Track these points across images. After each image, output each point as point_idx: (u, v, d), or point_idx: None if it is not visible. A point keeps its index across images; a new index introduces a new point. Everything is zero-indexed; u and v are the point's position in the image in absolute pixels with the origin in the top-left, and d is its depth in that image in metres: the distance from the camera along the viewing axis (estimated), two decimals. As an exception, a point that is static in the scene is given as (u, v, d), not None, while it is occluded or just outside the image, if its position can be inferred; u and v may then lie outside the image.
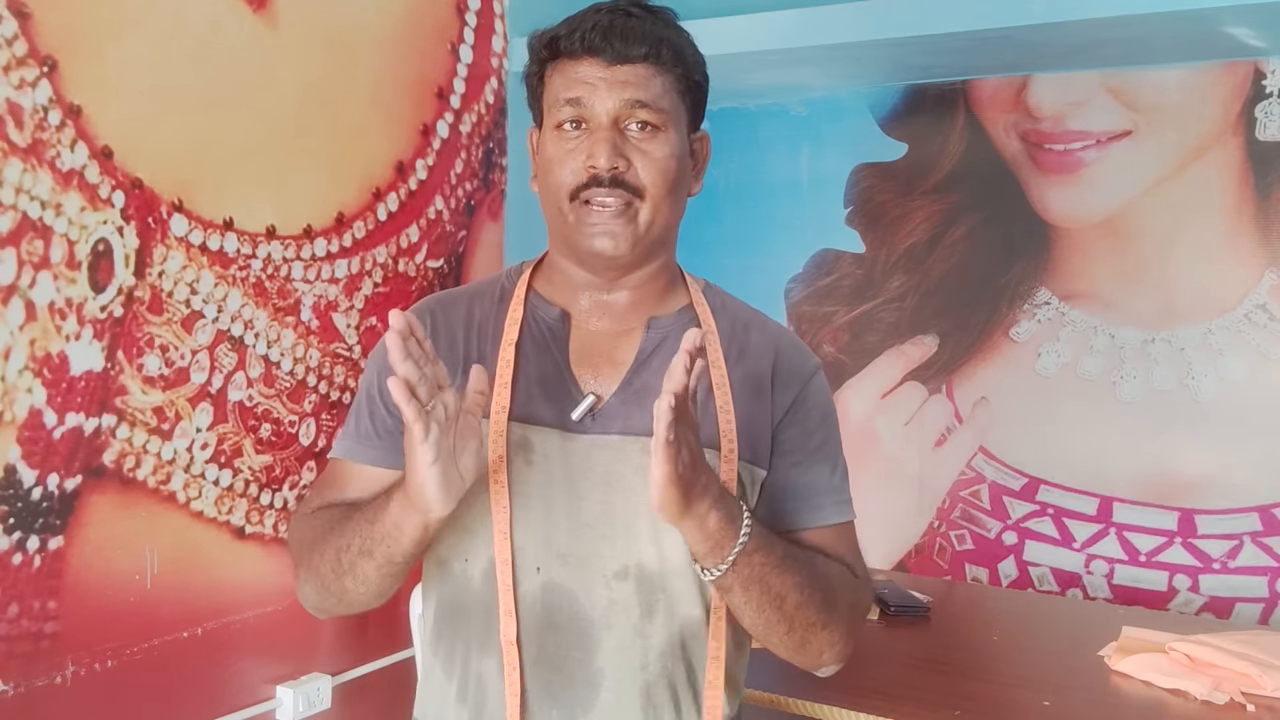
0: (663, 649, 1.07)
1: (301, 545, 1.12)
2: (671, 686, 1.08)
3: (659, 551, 1.06)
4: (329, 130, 1.86)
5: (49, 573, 1.46)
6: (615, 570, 1.06)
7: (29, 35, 1.40)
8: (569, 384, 1.10)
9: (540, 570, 1.06)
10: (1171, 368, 2.31)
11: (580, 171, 1.06)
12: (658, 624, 1.07)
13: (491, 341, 1.13)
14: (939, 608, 2.08)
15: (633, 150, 1.06)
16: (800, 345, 1.20)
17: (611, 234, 1.07)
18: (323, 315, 1.87)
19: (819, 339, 2.70)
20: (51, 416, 1.46)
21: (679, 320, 1.14)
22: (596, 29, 1.06)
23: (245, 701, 1.75)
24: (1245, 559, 2.23)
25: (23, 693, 1.43)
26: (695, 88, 1.12)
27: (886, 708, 1.56)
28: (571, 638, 1.06)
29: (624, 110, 1.06)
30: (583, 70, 1.07)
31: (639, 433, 1.07)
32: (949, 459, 2.55)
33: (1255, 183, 2.23)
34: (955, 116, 2.53)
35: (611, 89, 1.06)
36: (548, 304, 1.15)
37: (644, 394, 1.09)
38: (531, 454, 1.08)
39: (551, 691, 1.06)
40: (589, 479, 1.07)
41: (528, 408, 1.09)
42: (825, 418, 1.17)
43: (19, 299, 1.42)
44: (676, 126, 1.09)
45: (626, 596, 1.06)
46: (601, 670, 1.06)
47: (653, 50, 1.06)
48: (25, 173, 1.41)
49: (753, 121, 2.78)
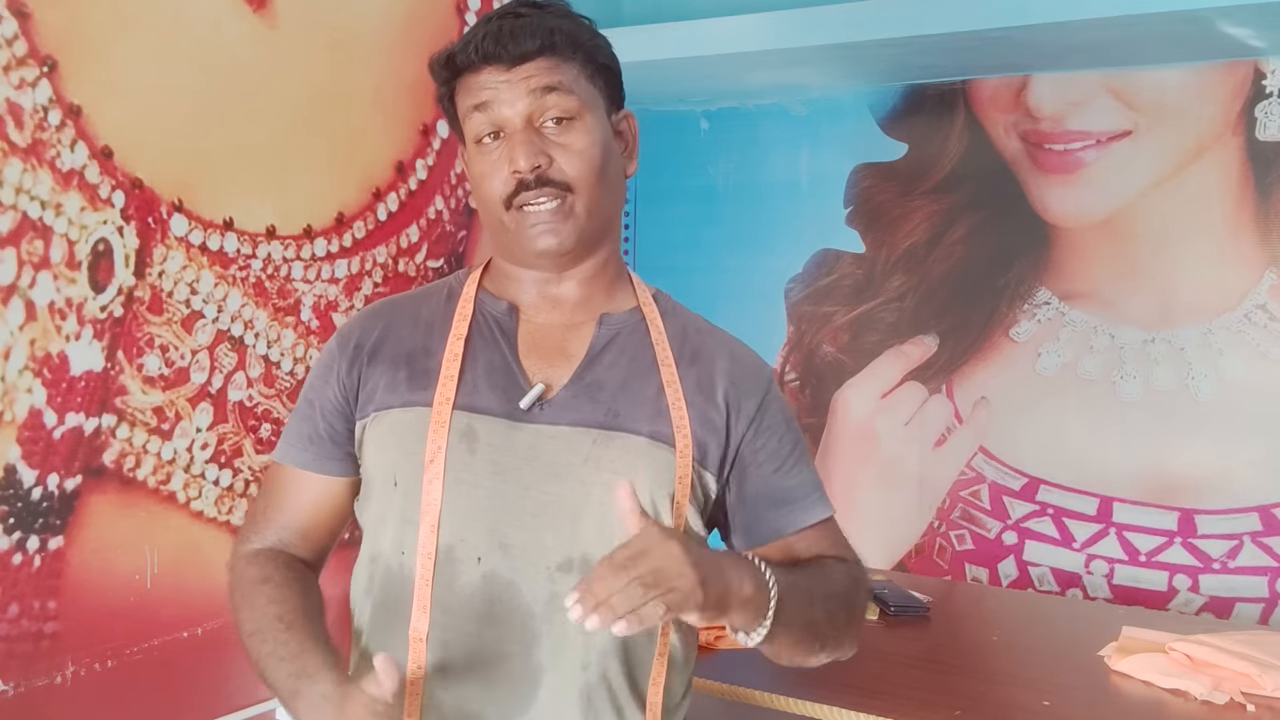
0: (605, 648, 1.05)
1: (236, 608, 1.12)
2: (611, 689, 1.06)
3: (606, 545, 1.02)
4: (329, 130, 1.86)
5: (49, 573, 1.46)
6: (559, 562, 1.05)
7: (29, 35, 1.40)
8: (517, 375, 1.10)
9: (481, 560, 1.05)
10: (1171, 368, 2.31)
11: (507, 180, 1.06)
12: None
13: (439, 337, 1.13)
14: (939, 608, 2.08)
15: (552, 146, 1.06)
16: (751, 352, 1.19)
17: (553, 231, 1.07)
18: (323, 315, 1.87)
19: (819, 339, 2.70)
20: (51, 416, 1.46)
21: (629, 319, 1.13)
22: (488, 37, 1.05)
23: (245, 701, 1.75)
24: (1245, 559, 2.23)
25: (23, 693, 1.43)
26: (604, 70, 1.11)
27: (886, 708, 1.55)
28: (512, 631, 1.04)
29: (535, 106, 1.06)
30: (484, 78, 1.07)
31: (590, 425, 1.06)
32: (949, 459, 2.54)
33: (1255, 183, 2.23)
34: (955, 116, 2.53)
35: (515, 89, 1.05)
36: (495, 299, 1.15)
37: (595, 388, 1.08)
38: (476, 442, 1.07)
39: (488, 689, 1.04)
40: (536, 468, 1.06)
41: (473, 397, 1.08)
42: (789, 419, 1.17)
43: (19, 299, 1.42)
44: (593, 112, 1.09)
45: (569, 589, 1.02)
46: (541, 666, 1.04)
47: (546, 42, 1.05)
48: (25, 173, 1.41)
49: (753, 121, 2.78)
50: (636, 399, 1.08)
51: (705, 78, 2.56)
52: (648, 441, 1.06)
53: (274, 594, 1.10)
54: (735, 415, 1.11)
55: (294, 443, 1.15)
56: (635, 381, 1.09)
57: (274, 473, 1.18)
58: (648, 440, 1.06)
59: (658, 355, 1.11)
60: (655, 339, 1.12)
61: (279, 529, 1.15)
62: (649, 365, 1.10)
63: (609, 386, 1.09)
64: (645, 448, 1.06)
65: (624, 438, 1.06)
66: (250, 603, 1.11)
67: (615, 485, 1.00)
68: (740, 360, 1.15)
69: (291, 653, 1.05)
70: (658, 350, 1.11)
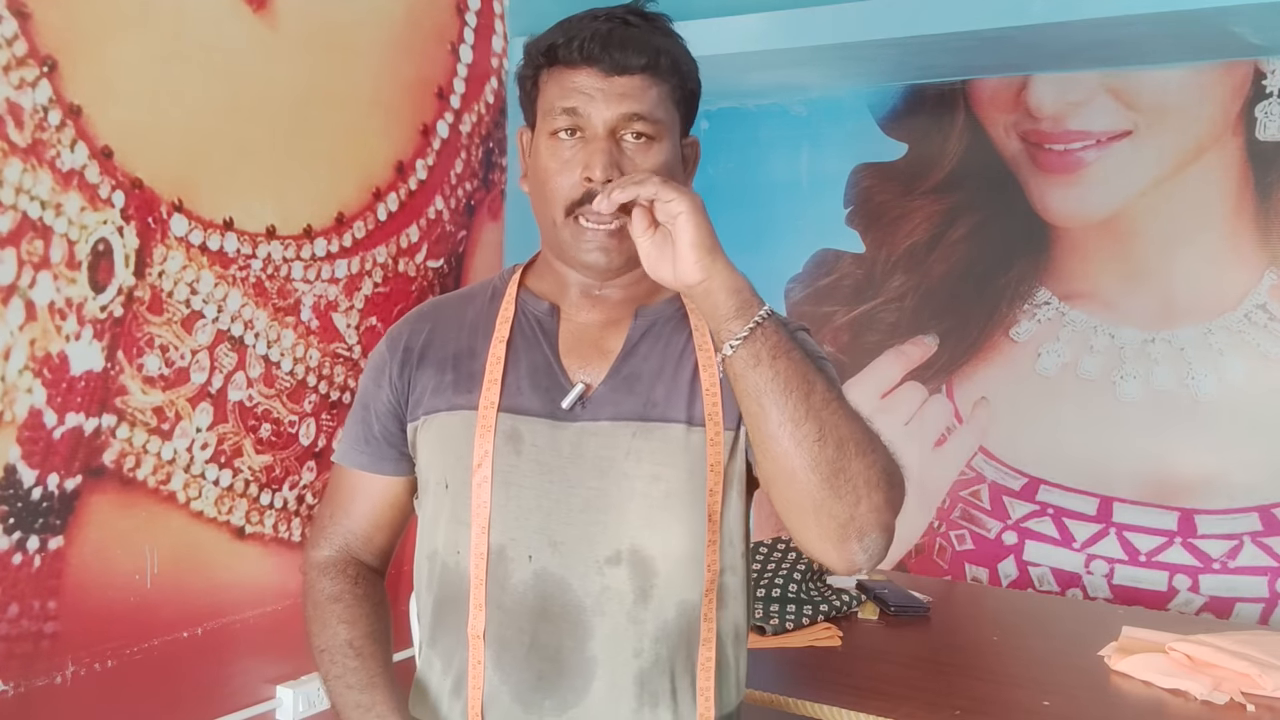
0: (658, 635, 1.07)
1: (307, 619, 1.19)
2: (669, 673, 1.08)
3: (653, 536, 1.07)
4: (329, 130, 1.86)
5: (49, 573, 1.46)
6: (608, 555, 1.07)
7: (29, 35, 1.40)
8: (558, 375, 1.12)
9: (532, 559, 1.07)
10: (1171, 368, 2.31)
11: (576, 185, 1.06)
12: (652, 609, 1.07)
13: (483, 338, 1.15)
14: (939, 608, 2.08)
15: (627, 162, 1.06)
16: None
17: (604, 249, 1.07)
18: (323, 315, 1.87)
19: (819, 339, 2.70)
20: (51, 416, 1.46)
21: (666, 308, 1.15)
22: (595, 38, 1.04)
23: (245, 701, 1.75)
24: (1245, 559, 2.23)
25: (23, 693, 1.43)
26: (689, 96, 1.13)
27: (886, 708, 1.56)
28: (565, 626, 1.07)
29: (620, 122, 1.05)
30: (580, 80, 1.06)
31: (629, 418, 1.08)
32: (949, 459, 2.55)
33: (1255, 183, 2.23)
34: (955, 116, 2.53)
35: (609, 100, 1.05)
36: (537, 299, 1.16)
37: (633, 380, 1.10)
38: (521, 444, 1.09)
39: (545, 681, 1.07)
40: (580, 466, 1.08)
41: (517, 399, 1.10)
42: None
43: (19, 299, 1.41)
44: (670, 136, 1.09)
45: (620, 582, 1.07)
46: (594, 658, 1.07)
47: (651, 61, 1.06)
48: (25, 173, 1.41)
49: (753, 121, 2.78)
50: (671, 385, 1.10)
51: (705, 78, 2.55)
52: (684, 428, 1.08)
53: (345, 614, 1.16)
54: None
55: (351, 445, 1.19)
56: (669, 368, 1.11)
57: (335, 475, 1.23)
58: (684, 427, 1.08)
59: (696, 341, 1.12)
60: (695, 324, 1.13)
61: (345, 533, 1.20)
62: (682, 351, 1.12)
63: (645, 376, 1.10)
64: (682, 435, 1.08)
65: (662, 428, 1.08)
66: (322, 619, 1.17)
67: (656, 477, 1.04)
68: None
69: (360, 683, 1.11)
70: (697, 336, 1.12)
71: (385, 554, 1.24)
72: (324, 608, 1.17)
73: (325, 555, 1.20)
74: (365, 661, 1.13)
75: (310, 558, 1.21)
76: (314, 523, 1.25)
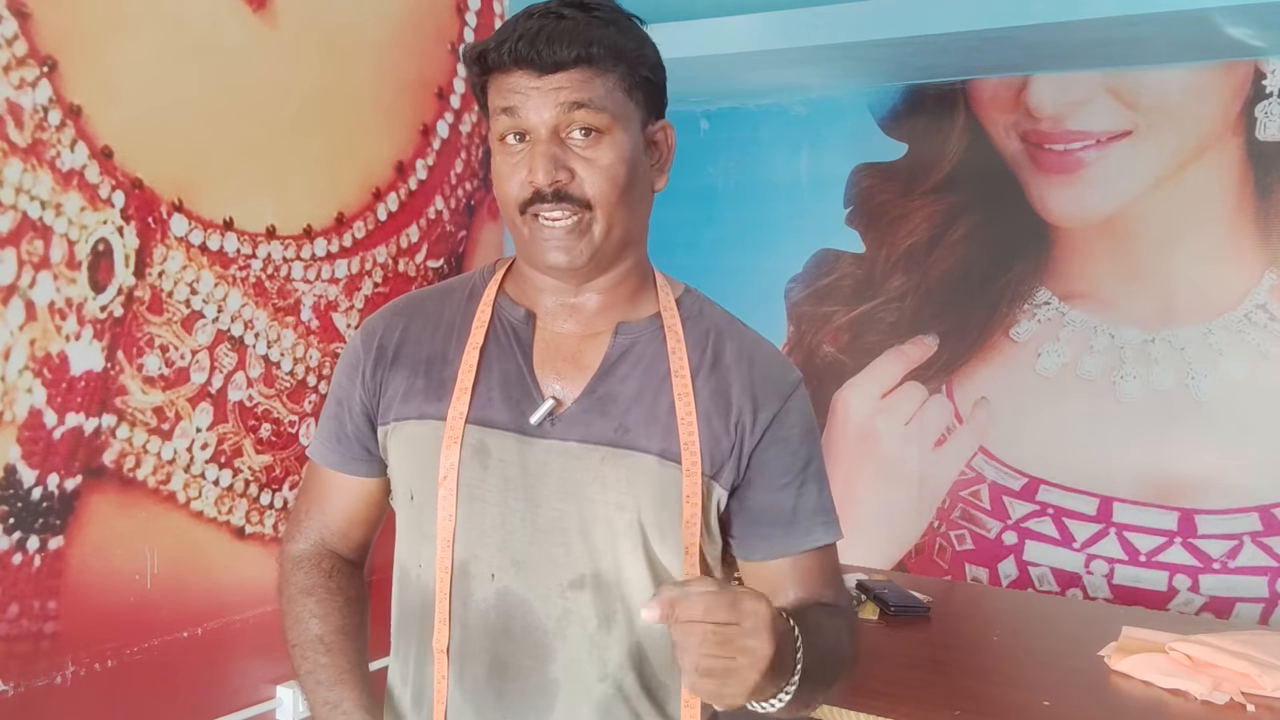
0: (621, 661, 1.05)
1: (281, 612, 1.18)
2: (630, 702, 1.05)
3: (617, 561, 1.04)
4: (329, 130, 1.86)
5: (49, 573, 1.46)
6: (571, 579, 1.04)
7: (29, 35, 1.40)
8: (530, 386, 1.08)
9: (495, 577, 1.05)
10: (1171, 368, 2.31)
11: (524, 186, 1.02)
12: (616, 635, 1.05)
13: (457, 343, 1.11)
14: (939, 608, 2.08)
15: (576, 160, 1.01)
16: (778, 358, 1.14)
17: (565, 248, 1.03)
18: (323, 315, 1.87)
19: (819, 339, 2.70)
20: (51, 416, 1.46)
21: (647, 327, 1.10)
22: (523, 38, 0.99)
23: (245, 701, 1.75)
24: (1245, 559, 2.23)
25: (23, 693, 1.43)
26: (645, 82, 1.06)
27: (886, 708, 1.55)
28: (526, 647, 1.05)
29: (562, 118, 1.00)
30: (514, 81, 1.01)
31: (599, 441, 1.04)
32: (949, 459, 2.54)
33: (1255, 183, 2.23)
34: (955, 116, 2.53)
35: (545, 99, 1.00)
36: (514, 305, 1.12)
37: (607, 402, 1.06)
38: (488, 458, 1.06)
39: (505, 700, 1.05)
40: (546, 485, 1.05)
41: (486, 410, 1.07)
42: (808, 434, 1.11)
43: (19, 299, 1.42)
44: (625, 126, 1.03)
45: (583, 606, 1.04)
46: (556, 681, 1.05)
47: (584, 53, 1.00)
48: (25, 173, 1.41)
49: (753, 121, 2.78)
50: (648, 414, 1.06)
51: (705, 78, 2.55)
52: (656, 460, 1.04)
53: (317, 609, 1.14)
54: (750, 425, 1.07)
55: (324, 441, 1.17)
56: (648, 394, 1.06)
57: (310, 469, 1.20)
58: (656, 459, 1.04)
59: (673, 366, 1.07)
60: (672, 348, 1.08)
61: (320, 528, 1.18)
62: (664, 377, 1.07)
63: (621, 400, 1.06)
64: (654, 467, 1.04)
65: (632, 456, 1.04)
66: (294, 613, 1.15)
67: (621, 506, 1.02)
68: (762, 367, 1.11)
69: (330, 679, 1.10)
70: (673, 361, 1.08)
71: (363, 547, 1.21)
72: (297, 602, 1.15)
73: (300, 549, 1.18)
74: (335, 658, 1.11)
75: (285, 551, 1.19)
76: (290, 516, 1.22)
